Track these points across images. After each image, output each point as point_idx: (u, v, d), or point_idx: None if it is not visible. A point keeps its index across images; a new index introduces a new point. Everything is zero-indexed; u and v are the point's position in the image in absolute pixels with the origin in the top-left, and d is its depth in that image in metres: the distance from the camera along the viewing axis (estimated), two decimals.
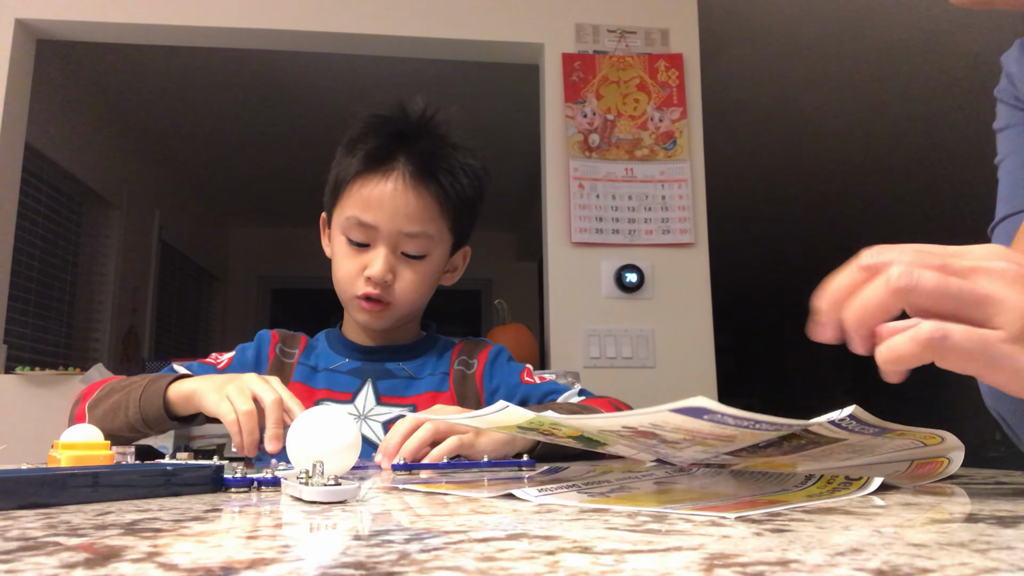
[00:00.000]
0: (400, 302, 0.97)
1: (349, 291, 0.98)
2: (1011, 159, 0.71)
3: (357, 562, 0.24)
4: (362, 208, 0.94)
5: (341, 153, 1.00)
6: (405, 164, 0.95)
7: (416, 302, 1.00)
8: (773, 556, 0.24)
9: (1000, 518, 0.32)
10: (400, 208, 0.94)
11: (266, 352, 1.04)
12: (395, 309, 0.98)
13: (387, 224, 0.94)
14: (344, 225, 0.96)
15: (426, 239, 0.96)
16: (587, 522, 0.32)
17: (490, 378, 1.04)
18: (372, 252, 0.95)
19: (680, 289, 2.39)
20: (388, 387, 1.01)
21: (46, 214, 3.22)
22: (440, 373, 1.04)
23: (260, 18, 2.45)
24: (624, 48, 2.53)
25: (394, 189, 0.94)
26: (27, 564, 0.24)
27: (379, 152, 0.95)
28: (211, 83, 3.40)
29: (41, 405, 2.21)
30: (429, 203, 0.96)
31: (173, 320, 4.56)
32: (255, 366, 1.03)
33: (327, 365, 1.03)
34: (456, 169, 0.98)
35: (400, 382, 1.02)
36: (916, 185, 4.63)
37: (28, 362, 2.83)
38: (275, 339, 1.06)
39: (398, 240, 0.95)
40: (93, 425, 0.60)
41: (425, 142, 0.97)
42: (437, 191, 0.96)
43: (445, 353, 1.07)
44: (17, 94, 2.35)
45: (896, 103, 3.60)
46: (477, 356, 1.06)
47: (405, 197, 0.94)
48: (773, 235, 5.76)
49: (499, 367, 1.05)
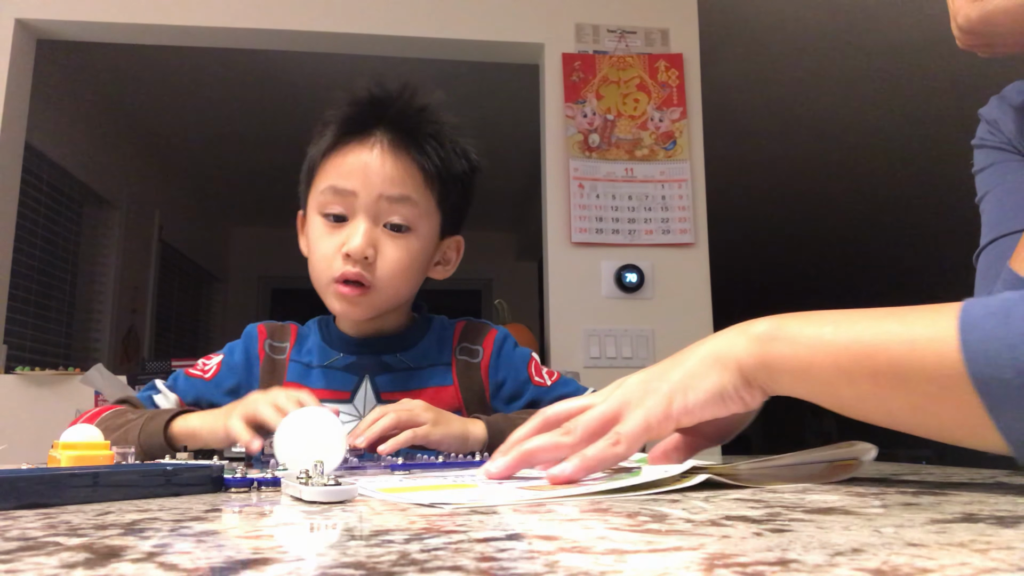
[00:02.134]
0: (383, 284, 0.86)
1: (326, 275, 0.87)
2: (994, 192, 0.74)
3: (357, 562, 0.24)
4: (337, 176, 0.86)
5: (314, 139, 0.92)
6: (383, 132, 0.87)
7: (401, 286, 0.89)
8: (773, 556, 0.24)
9: (1000, 518, 0.32)
10: (380, 169, 0.85)
11: (255, 351, 0.96)
12: (377, 294, 0.86)
13: (366, 188, 0.85)
14: (319, 201, 0.87)
15: (410, 206, 0.86)
16: (587, 522, 0.33)
17: (496, 370, 0.97)
18: (350, 227, 0.86)
19: (680, 289, 2.39)
20: (387, 382, 0.93)
21: (46, 214, 3.22)
22: (442, 364, 0.96)
23: (260, 18, 2.45)
24: (624, 48, 2.53)
25: (372, 154, 0.86)
26: (27, 564, 0.24)
27: (355, 120, 0.87)
28: (211, 83, 3.40)
29: (41, 405, 2.21)
30: (412, 169, 0.87)
31: (173, 320, 4.56)
32: (245, 369, 0.95)
33: (321, 361, 0.95)
34: (441, 138, 0.90)
35: (400, 375, 0.93)
36: (916, 185, 4.63)
37: (28, 362, 2.83)
38: (263, 335, 0.98)
39: (379, 208, 0.85)
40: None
41: (406, 112, 0.89)
42: (420, 157, 0.87)
43: (445, 339, 0.98)
44: (17, 94, 2.35)
45: (896, 103, 3.60)
46: (481, 343, 0.98)
47: (383, 160, 0.86)
48: (773, 235, 5.76)
49: (505, 357, 0.97)
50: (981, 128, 0.79)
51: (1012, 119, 0.75)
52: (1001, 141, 0.76)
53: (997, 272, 0.66)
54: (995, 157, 0.76)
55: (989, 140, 0.77)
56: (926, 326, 0.40)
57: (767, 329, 0.47)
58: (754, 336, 0.47)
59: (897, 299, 2.52)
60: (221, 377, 0.94)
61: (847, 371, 0.43)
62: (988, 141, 0.77)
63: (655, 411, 0.49)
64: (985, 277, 0.71)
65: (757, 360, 0.47)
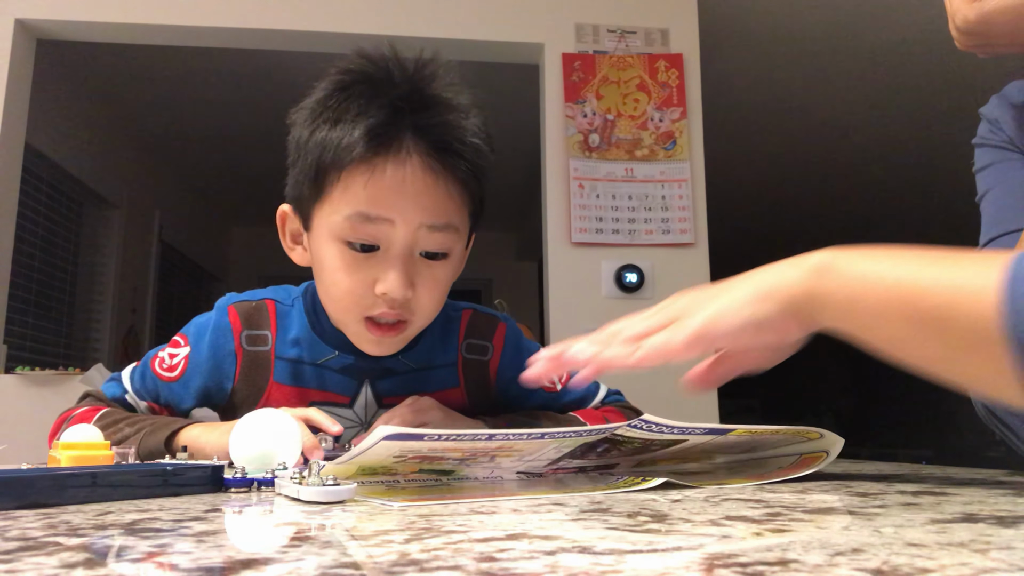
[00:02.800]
0: (419, 318, 0.76)
1: (355, 314, 0.75)
2: (995, 190, 0.75)
3: (357, 562, 0.24)
4: (368, 202, 0.71)
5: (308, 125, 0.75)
6: (414, 142, 0.72)
7: (435, 314, 0.79)
8: (773, 556, 0.24)
9: (1000, 518, 0.32)
10: (420, 195, 0.72)
11: (230, 347, 0.83)
12: (411, 327, 0.77)
13: (404, 216, 0.71)
14: (341, 228, 0.72)
15: (451, 232, 0.75)
16: (587, 522, 0.32)
17: (506, 369, 0.89)
18: (381, 261, 0.73)
19: (680, 289, 2.39)
20: (389, 387, 0.84)
21: (46, 214, 3.22)
22: (448, 364, 0.87)
23: (260, 18, 2.45)
24: (624, 48, 2.53)
25: (410, 173, 0.71)
26: (27, 564, 0.24)
27: (380, 132, 0.71)
28: (211, 83, 3.40)
29: (41, 405, 2.21)
30: (451, 187, 0.74)
31: (173, 320, 4.56)
32: (214, 368, 0.83)
33: (313, 358, 0.83)
34: (473, 139, 0.76)
35: (402, 379, 0.85)
36: (916, 184, 4.63)
37: (28, 362, 2.83)
38: (237, 328, 0.84)
39: (416, 238, 0.73)
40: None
41: (431, 109, 0.74)
42: (457, 172, 0.74)
43: (450, 333, 0.88)
44: (17, 94, 2.35)
45: (896, 103, 3.60)
46: (492, 340, 0.89)
47: (424, 182, 0.72)
48: (773, 235, 5.76)
49: (517, 357, 0.88)
50: (982, 127, 0.79)
51: (1012, 118, 0.75)
52: (1002, 140, 0.76)
53: None
54: (995, 156, 0.76)
55: (990, 139, 0.77)
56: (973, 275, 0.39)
57: (821, 261, 0.47)
58: (808, 268, 0.48)
59: None
60: (188, 375, 0.84)
61: (890, 311, 0.43)
62: (989, 140, 0.77)
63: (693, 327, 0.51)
64: None
65: (806, 292, 0.47)
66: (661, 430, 0.53)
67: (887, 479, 0.53)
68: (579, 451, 0.56)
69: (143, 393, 0.85)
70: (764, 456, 0.64)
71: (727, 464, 0.64)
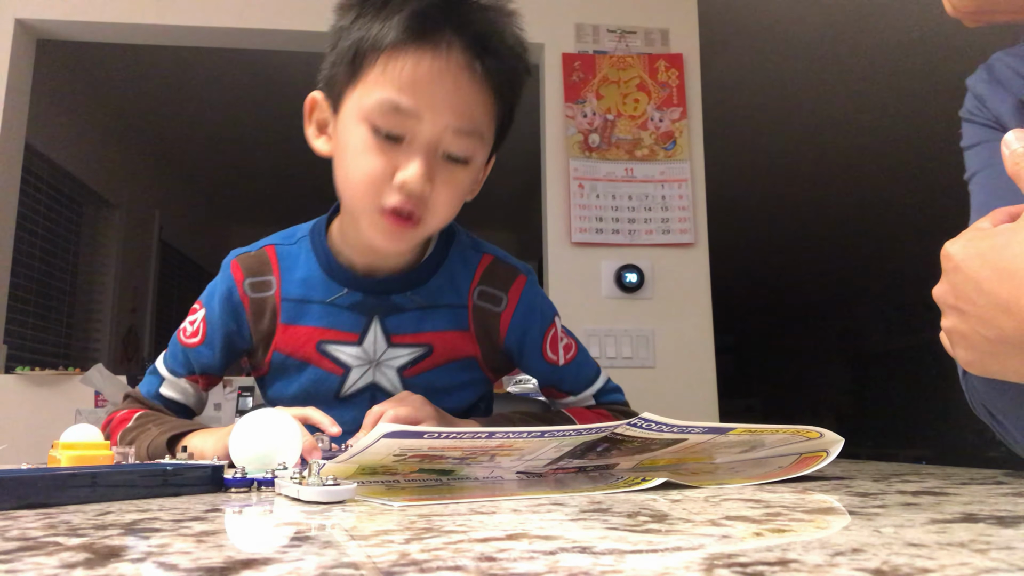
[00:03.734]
0: (432, 218, 0.76)
1: (371, 200, 0.74)
2: (983, 173, 0.73)
3: (357, 562, 0.24)
4: (401, 90, 0.71)
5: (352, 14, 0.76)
6: (455, 36, 0.72)
7: (448, 219, 0.79)
8: (773, 556, 0.24)
9: (1000, 518, 0.32)
10: (452, 95, 0.72)
11: (237, 296, 0.86)
12: (424, 227, 0.76)
13: (434, 114, 0.72)
14: (370, 110, 0.72)
15: (476, 138, 0.75)
16: (587, 522, 0.32)
17: (515, 331, 0.88)
18: (405, 151, 0.73)
19: (680, 289, 2.39)
20: (397, 324, 0.84)
21: (46, 214, 3.22)
22: (457, 306, 0.86)
23: (260, 18, 2.45)
24: (624, 48, 2.53)
25: (445, 68, 0.72)
26: (27, 564, 0.24)
27: (423, 18, 0.72)
28: (211, 83, 3.40)
29: (41, 405, 2.21)
30: (485, 92, 0.75)
31: (173, 320, 4.55)
32: (231, 318, 0.86)
33: (324, 296, 0.84)
34: (514, 46, 0.77)
35: (411, 316, 0.85)
36: (916, 184, 4.63)
37: (28, 362, 2.83)
38: (239, 277, 0.87)
39: (442, 138, 0.73)
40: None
41: (476, 7, 0.75)
42: (494, 75, 0.75)
43: (463, 274, 0.87)
44: (17, 94, 2.35)
45: (896, 103, 3.60)
46: (507, 292, 0.88)
47: (458, 82, 0.72)
48: (773, 235, 5.76)
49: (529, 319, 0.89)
50: (969, 100, 0.77)
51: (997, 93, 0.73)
52: (987, 118, 0.74)
53: None
54: (983, 135, 0.74)
55: (977, 116, 0.75)
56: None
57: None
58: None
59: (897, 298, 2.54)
60: (210, 335, 0.86)
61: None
62: (976, 117, 0.75)
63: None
64: None
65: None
66: (661, 428, 0.53)
67: (887, 479, 0.53)
68: (579, 451, 0.56)
69: (177, 369, 0.88)
70: (764, 456, 0.64)
71: (727, 464, 0.64)
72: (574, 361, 0.92)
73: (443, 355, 0.86)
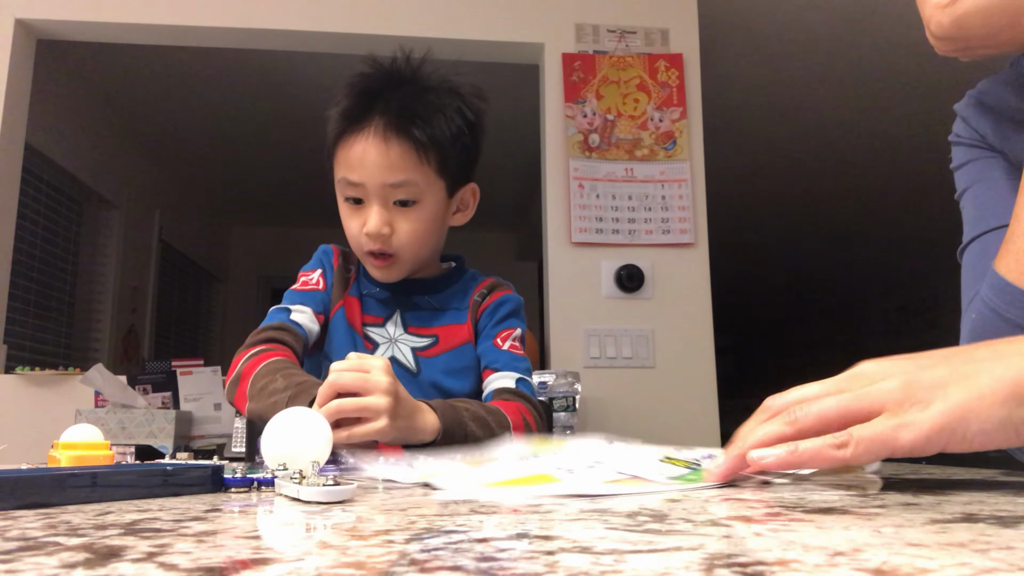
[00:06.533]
0: (404, 252, 1.00)
1: (358, 249, 1.03)
2: (975, 187, 0.75)
3: (357, 562, 0.24)
4: (347, 168, 0.97)
5: (330, 109, 1.02)
6: (379, 118, 0.96)
7: (421, 249, 1.02)
8: (773, 556, 0.24)
9: (1000, 518, 0.32)
10: (378, 161, 0.96)
11: (330, 262, 1.11)
12: (402, 260, 1.01)
13: (370, 179, 0.96)
14: (339, 186, 1.00)
15: (412, 186, 0.97)
16: (587, 522, 0.32)
17: (484, 315, 1.09)
18: (366, 209, 0.98)
19: (680, 289, 2.39)
20: (414, 318, 1.08)
21: (46, 214, 3.22)
22: (462, 308, 1.10)
23: (260, 18, 2.45)
24: (624, 48, 2.53)
25: (369, 144, 0.96)
26: (27, 564, 0.24)
27: (353, 111, 0.97)
28: (211, 83, 3.40)
29: (41, 405, 2.21)
30: (406, 151, 0.96)
31: (173, 320, 4.56)
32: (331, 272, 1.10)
33: (367, 291, 1.10)
34: (431, 113, 0.98)
35: (425, 313, 1.09)
36: (916, 185, 4.63)
37: (28, 362, 2.83)
38: (336, 252, 1.12)
39: (386, 192, 0.97)
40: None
41: (398, 93, 0.98)
42: (411, 139, 0.96)
43: (470, 287, 1.12)
44: (17, 94, 2.35)
45: (896, 102, 3.60)
46: (492, 294, 1.12)
47: (379, 149, 0.95)
48: (773, 235, 5.76)
49: (494, 312, 1.09)
50: (957, 124, 0.79)
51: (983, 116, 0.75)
52: (974, 138, 0.76)
53: (983, 270, 0.66)
54: (972, 154, 0.76)
55: (964, 138, 0.78)
56: None
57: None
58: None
59: (897, 298, 2.54)
60: (329, 285, 1.08)
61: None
62: (963, 139, 0.78)
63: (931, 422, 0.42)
64: (971, 274, 0.71)
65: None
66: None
67: (887, 479, 0.53)
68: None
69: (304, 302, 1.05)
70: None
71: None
72: (514, 354, 1.08)
73: (447, 343, 1.08)
